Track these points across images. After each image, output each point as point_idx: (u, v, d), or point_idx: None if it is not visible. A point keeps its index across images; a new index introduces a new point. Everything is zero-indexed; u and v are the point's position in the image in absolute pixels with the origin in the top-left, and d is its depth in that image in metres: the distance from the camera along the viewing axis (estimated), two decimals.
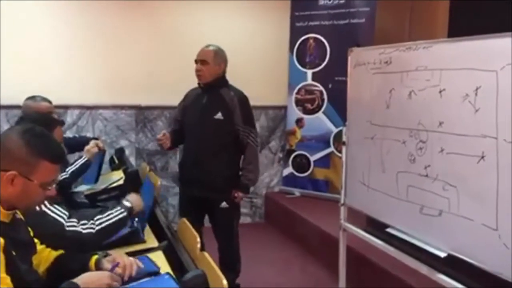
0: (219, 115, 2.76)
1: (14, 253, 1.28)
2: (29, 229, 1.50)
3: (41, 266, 1.57)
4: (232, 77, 4.47)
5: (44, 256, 1.59)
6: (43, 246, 1.60)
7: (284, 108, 4.79)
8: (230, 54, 4.54)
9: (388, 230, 2.37)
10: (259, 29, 4.67)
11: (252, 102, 4.64)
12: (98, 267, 1.56)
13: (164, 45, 4.37)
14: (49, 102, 3.00)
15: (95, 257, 1.59)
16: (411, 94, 2.17)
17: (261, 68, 4.71)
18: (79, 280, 1.38)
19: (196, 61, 2.82)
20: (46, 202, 1.73)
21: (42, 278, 1.52)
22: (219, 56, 2.84)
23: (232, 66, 4.56)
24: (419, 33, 4.50)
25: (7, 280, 1.21)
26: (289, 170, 4.77)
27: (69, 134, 4.12)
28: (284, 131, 4.84)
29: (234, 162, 2.86)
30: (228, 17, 4.57)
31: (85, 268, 1.57)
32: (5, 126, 3.87)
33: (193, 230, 2.11)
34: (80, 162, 2.71)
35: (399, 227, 2.30)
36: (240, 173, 2.87)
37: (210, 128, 2.78)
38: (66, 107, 4.09)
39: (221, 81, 2.84)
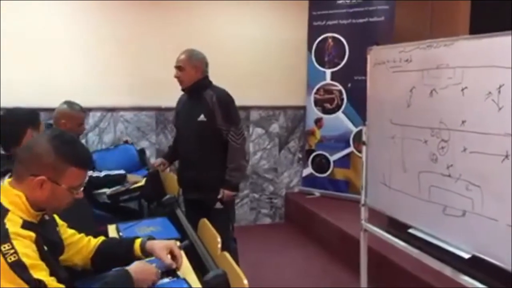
0: (201, 117, 2.79)
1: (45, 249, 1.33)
2: (58, 229, 1.55)
3: (79, 255, 1.63)
4: (250, 78, 4.55)
5: (84, 245, 1.65)
6: (81, 235, 1.66)
7: (303, 108, 4.78)
8: (248, 54, 4.65)
9: (410, 231, 2.34)
10: (277, 29, 4.67)
11: (271, 102, 4.75)
12: (144, 250, 1.65)
13: (183, 46, 4.38)
14: (83, 110, 3.10)
15: (139, 241, 1.67)
16: (432, 93, 2.14)
17: (279, 68, 4.71)
18: (131, 268, 1.47)
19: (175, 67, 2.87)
20: None
21: (87, 267, 1.62)
22: (194, 60, 2.85)
23: (250, 66, 4.64)
24: (440, 32, 4.43)
25: (43, 265, 1.26)
26: (308, 170, 4.76)
27: (91, 136, 4.20)
28: (303, 131, 4.82)
29: (223, 162, 2.85)
30: (246, 17, 4.59)
31: (130, 252, 1.65)
32: None
33: (213, 230, 2.12)
34: (118, 173, 2.92)
35: (422, 228, 2.27)
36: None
37: (195, 131, 2.82)
38: (89, 109, 4.15)
39: (202, 83, 2.86)
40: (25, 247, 1.23)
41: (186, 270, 1.72)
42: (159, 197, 2.85)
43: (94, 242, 1.68)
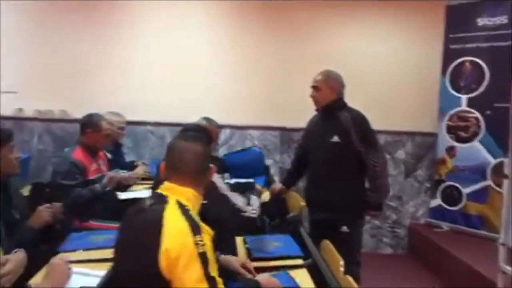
0: (335, 138, 2.75)
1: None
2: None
3: None
4: (377, 100, 4.44)
5: None
6: None
7: (434, 135, 4.52)
8: (377, 76, 4.56)
9: None
10: (409, 51, 4.53)
11: (398, 127, 4.57)
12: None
13: (308, 69, 4.46)
14: (219, 126, 3.33)
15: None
16: None
17: (409, 92, 4.54)
18: (260, 280, 1.57)
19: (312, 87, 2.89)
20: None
21: None
22: (331, 81, 2.85)
23: (378, 88, 4.54)
24: None
25: (216, 264, 1.40)
26: (437, 201, 4.45)
27: (221, 151, 4.48)
28: (432, 159, 4.55)
29: (355, 185, 2.80)
30: (377, 38, 4.53)
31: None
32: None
33: (335, 252, 2.10)
34: (247, 182, 3.17)
35: None
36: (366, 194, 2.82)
37: (329, 152, 2.79)
38: (220, 127, 4.43)
39: (337, 104, 2.84)
40: (208, 242, 1.37)
41: None
42: (282, 214, 2.93)
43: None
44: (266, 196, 3.28)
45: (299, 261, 2.05)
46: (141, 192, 3.29)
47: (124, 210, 3.12)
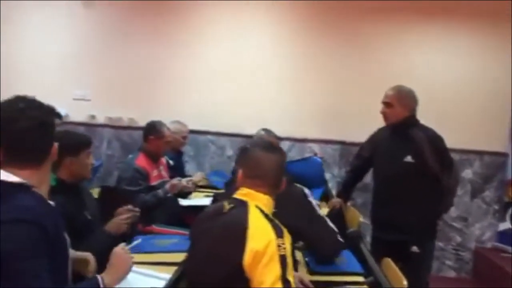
0: (408, 158, 2.64)
1: None
2: None
3: None
4: (445, 117, 4.26)
5: None
6: None
7: (504, 155, 4.28)
8: (445, 92, 4.38)
9: None
10: (481, 68, 4.33)
11: (466, 146, 4.37)
12: None
13: (371, 83, 4.39)
14: (277, 138, 3.35)
15: None
16: None
17: (478, 109, 4.33)
18: None
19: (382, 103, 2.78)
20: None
21: None
22: (403, 97, 2.73)
23: (446, 105, 4.36)
24: None
25: (293, 270, 1.44)
26: (506, 225, 4.20)
27: None
28: (502, 180, 4.30)
29: (428, 204, 2.67)
30: (444, 51, 4.36)
31: None
32: (230, 152, 4.47)
33: (398, 271, 2.04)
34: None
35: None
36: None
37: (400, 171, 2.67)
38: (279, 139, 4.45)
39: (409, 121, 2.72)
40: (289, 246, 1.42)
41: None
42: (339, 229, 2.88)
43: None
44: (323, 210, 3.24)
45: (360, 278, 2.01)
46: (202, 199, 3.37)
47: (184, 216, 3.24)
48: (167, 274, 1.68)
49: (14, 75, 4.48)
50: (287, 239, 1.43)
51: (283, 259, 1.37)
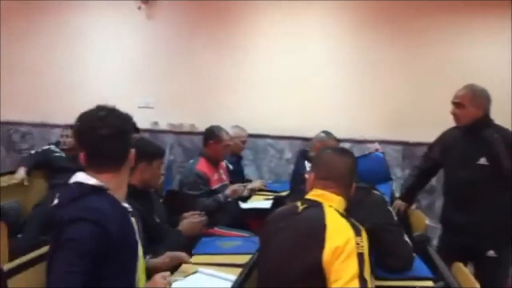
0: (483, 161, 2.51)
1: None
2: None
3: None
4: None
5: None
6: None
7: None
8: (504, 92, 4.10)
9: None
10: None
11: None
12: None
13: (437, 81, 4.22)
14: (337, 140, 3.31)
15: None
16: None
17: None
18: None
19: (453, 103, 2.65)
20: None
21: None
22: (476, 97, 2.58)
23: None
24: None
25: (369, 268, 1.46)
26: None
27: None
28: None
29: (505, 208, 2.52)
30: (503, 50, 4.11)
31: None
32: (288, 155, 4.48)
33: (470, 276, 1.94)
34: None
35: None
36: None
37: (475, 174, 2.54)
38: (338, 140, 4.39)
39: (482, 122, 2.57)
40: (366, 245, 1.45)
41: None
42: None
43: None
44: None
45: (429, 283, 1.94)
46: (262, 202, 3.41)
47: (245, 218, 3.28)
48: (232, 276, 1.71)
49: (83, 84, 4.77)
50: (365, 238, 1.46)
51: (361, 257, 1.39)
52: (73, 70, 4.84)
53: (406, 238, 2.07)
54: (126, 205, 1.50)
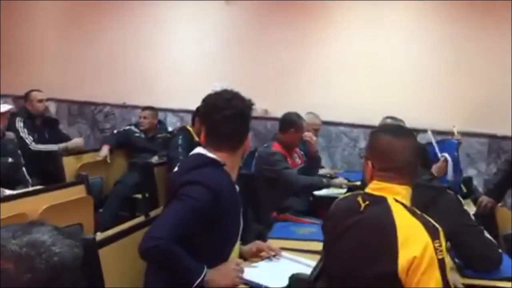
0: None
1: None
2: None
3: None
4: None
5: None
6: None
7: None
8: None
9: None
10: None
11: None
12: None
13: None
14: (416, 130, 3.14)
15: None
16: None
17: None
18: None
19: None
20: None
21: None
22: None
23: None
24: None
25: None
26: None
27: None
28: None
29: None
30: None
31: None
32: (362, 144, 4.34)
33: None
34: None
35: None
36: None
37: None
38: (416, 131, 4.18)
39: None
40: (444, 244, 1.29)
41: None
42: (490, 231, 2.59)
43: None
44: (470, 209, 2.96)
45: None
46: (336, 190, 3.33)
47: (317, 206, 3.23)
48: (310, 261, 1.68)
49: (161, 69, 4.93)
50: (442, 238, 1.28)
51: (441, 263, 1.24)
52: (151, 55, 5.01)
53: (488, 236, 1.93)
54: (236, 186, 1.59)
